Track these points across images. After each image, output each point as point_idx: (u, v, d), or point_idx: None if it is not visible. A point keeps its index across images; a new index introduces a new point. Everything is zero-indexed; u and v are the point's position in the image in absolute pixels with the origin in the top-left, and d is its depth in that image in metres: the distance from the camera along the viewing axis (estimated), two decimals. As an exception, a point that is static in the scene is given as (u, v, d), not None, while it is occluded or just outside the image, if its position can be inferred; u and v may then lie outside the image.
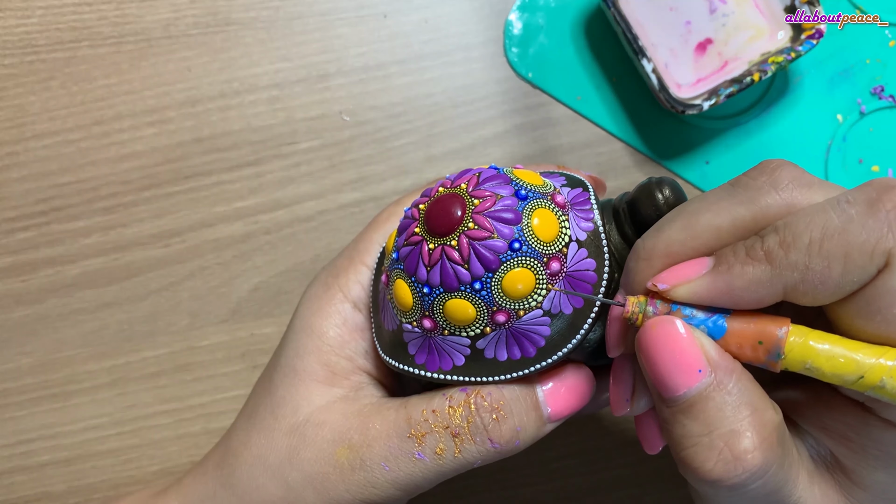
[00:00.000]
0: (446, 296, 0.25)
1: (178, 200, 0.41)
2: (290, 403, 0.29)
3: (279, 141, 0.41)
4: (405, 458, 0.26)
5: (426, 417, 0.26)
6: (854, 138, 0.40)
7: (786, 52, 0.38)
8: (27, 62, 0.41)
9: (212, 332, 0.41)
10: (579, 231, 0.26)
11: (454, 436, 0.26)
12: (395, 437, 0.26)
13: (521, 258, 0.24)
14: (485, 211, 0.25)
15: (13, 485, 0.40)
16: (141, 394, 0.40)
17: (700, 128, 0.41)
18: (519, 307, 0.25)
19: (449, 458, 0.26)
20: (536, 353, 0.26)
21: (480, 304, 0.25)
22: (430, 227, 0.25)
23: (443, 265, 0.24)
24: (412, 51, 0.41)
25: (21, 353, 0.40)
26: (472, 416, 0.26)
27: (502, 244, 0.24)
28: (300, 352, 0.29)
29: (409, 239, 0.25)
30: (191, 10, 0.41)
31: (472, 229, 0.24)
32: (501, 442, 0.26)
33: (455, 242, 0.24)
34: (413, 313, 0.26)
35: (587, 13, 0.41)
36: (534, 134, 0.41)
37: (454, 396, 0.26)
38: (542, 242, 0.25)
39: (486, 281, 0.24)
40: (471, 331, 0.25)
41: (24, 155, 0.40)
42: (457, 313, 0.25)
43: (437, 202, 0.25)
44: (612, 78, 0.41)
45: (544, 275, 0.25)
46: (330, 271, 0.31)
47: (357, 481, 0.27)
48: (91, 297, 0.40)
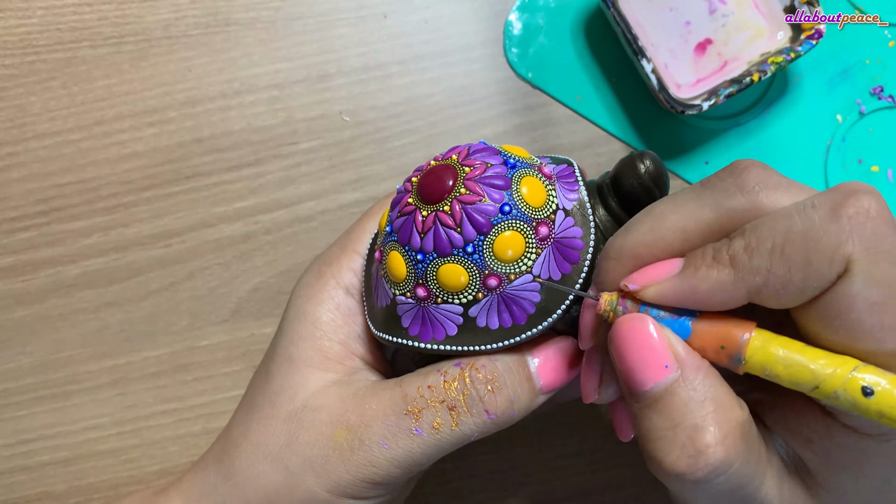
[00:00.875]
0: (439, 261, 0.26)
1: (179, 201, 0.41)
2: (287, 391, 0.29)
3: (279, 141, 0.41)
4: (403, 435, 0.26)
5: (422, 393, 0.27)
6: (853, 138, 0.40)
7: (785, 53, 0.38)
8: (28, 62, 0.41)
9: (212, 332, 0.41)
10: (566, 201, 0.27)
11: (450, 409, 0.26)
12: (391, 415, 0.27)
13: (512, 221, 0.25)
14: (475, 177, 0.26)
15: (14, 484, 0.40)
16: (141, 394, 0.41)
17: (700, 128, 0.41)
18: (510, 271, 0.26)
19: (446, 431, 0.26)
20: (527, 319, 0.26)
21: (472, 269, 0.25)
22: (422, 196, 0.26)
23: (436, 231, 0.25)
24: (412, 51, 0.41)
25: (22, 353, 0.41)
26: (467, 388, 0.26)
27: (493, 207, 0.25)
28: (295, 339, 0.29)
29: (402, 210, 0.26)
30: (191, 11, 0.41)
31: (463, 194, 0.25)
32: (497, 412, 0.27)
33: (448, 208, 0.25)
34: (407, 283, 0.27)
35: (587, 13, 0.41)
36: (534, 134, 0.41)
37: (449, 371, 0.27)
38: (531, 207, 0.26)
39: (477, 244, 0.25)
40: (463, 297, 0.26)
41: (24, 155, 0.41)
42: (450, 279, 0.26)
43: (430, 172, 0.26)
44: (612, 78, 0.41)
45: (534, 238, 0.26)
46: (323, 260, 0.31)
47: (356, 461, 0.27)
48: (91, 297, 0.41)
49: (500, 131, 0.41)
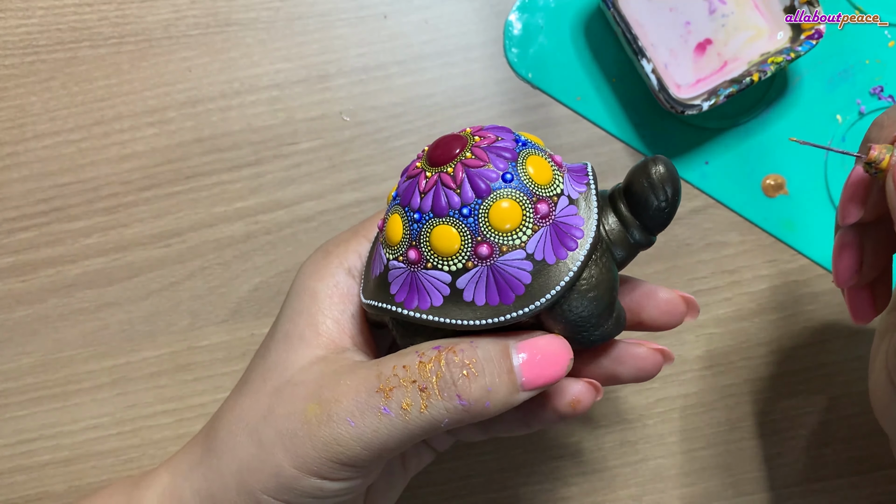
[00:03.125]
0: (434, 221, 0.26)
1: (179, 201, 0.41)
2: (279, 366, 0.28)
3: (279, 141, 0.41)
4: (371, 413, 0.26)
5: (396, 372, 0.26)
6: (853, 139, 0.40)
7: (785, 53, 0.38)
8: (28, 62, 0.41)
9: (212, 332, 0.41)
10: (572, 190, 0.27)
11: (421, 390, 0.25)
12: (363, 392, 0.26)
13: (512, 191, 0.25)
14: (484, 146, 0.26)
15: (14, 484, 0.40)
16: (141, 394, 0.41)
17: (700, 128, 0.41)
18: (503, 242, 0.25)
19: (415, 413, 0.26)
20: (514, 300, 0.26)
21: (466, 233, 0.25)
22: (430, 160, 0.26)
23: (436, 191, 0.26)
24: (412, 51, 0.41)
25: (22, 353, 0.41)
26: (441, 371, 0.26)
27: (495, 174, 0.25)
28: (294, 313, 0.29)
29: (409, 173, 0.27)
30: (191, 11, 0.41)
31: (468, 158, 0.26)
32: (470, 400, 0.26)
33: (451, 170, 0.26)
34: (401, 245, 0.27)
35: (587, 13, 0.41)
36: (534, 134, 0.41)
37: (426, 353, 0.26)
38: (534, 182, 0.26)
39: (474, 207, 0.25)
40: (453, 263, 0.26)
41: (24, 155, 0.41)
42: (442, 241, 0.26)
43: (441, 140, 0.27)
44: (612, 78, 0.41)
45: (532, 214, 0.25)
46: (332, 241, 0.31)
47: (322, 437, 0.26)
48: (92, 297, 0.41)
49: (500, 131, 0.41)
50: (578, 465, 0.41)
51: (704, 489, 0.41)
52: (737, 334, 0.41)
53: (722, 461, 0.41)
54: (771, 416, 0.41)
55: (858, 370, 0.40)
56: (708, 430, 0.41)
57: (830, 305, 0.41)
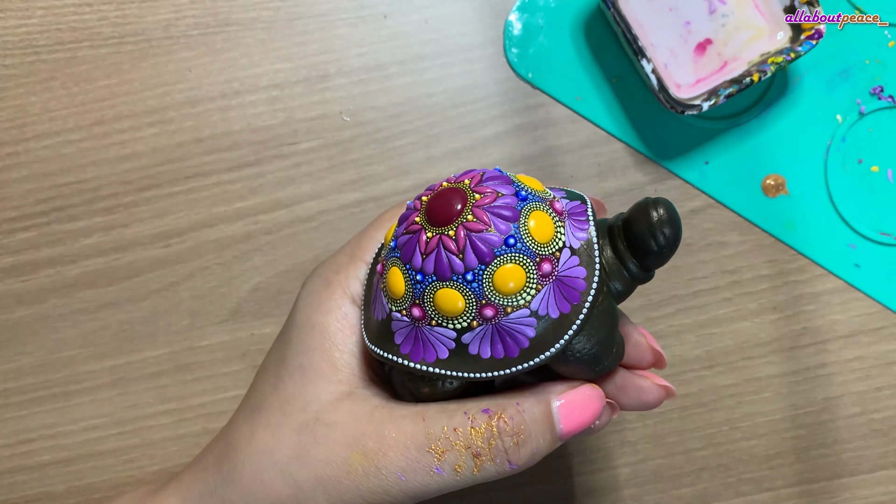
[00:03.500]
0: (438, 284, 0.25)
1: (179, 201, 0.41)
2: (298, 400, 0.29)
3: (279, 141, 0.41)
4: (423, 472, 0.27)
5: (447, 435, 0.27)
6: (853, 139, 0.40)
7: (785, 53, 0.38)
8: (28, 62, 0.41)
9: (212, 332, 0.41)
10: (574, 239, 0.26)
11: (475, 456, 0.27)
12: (412, 450, 0.27)
13: (515, 255, 0.25)
14: (484, 205, 0.25)
15: (14, 484, 0.40)
16: (141, 394, 0.41)
17: (700, 128, 0.41)
18: (507, 303, 0.25)
19: (466, 475, 0.27)
20: (519, 353, 0.26)
21: (470, 296, 0.25)
22: (430, 218, 0.26)
23: (438, 254, 0.25)
24: (412, 51, 0.41)
25: (22, 353, 0.41)
26: (493, 438, 0.27)
27: (498, 238, 0.25)
28: (305, 349, 0.29)
29: (408, 228, 0.26)
30: (191, 11, 0.41)
31: (470, 221, 0.25)
32: (520, 464, 0.27)
33: (452, 233, 0.25)
34: (404, 301, 0.26)
35: (587, 13, 0.41)
36: (534, 134, 0.41)
37: (476, 417, 0.27)
38: (536, 242, 0.25)
39: (478, 273, 0.25)
40: (458, 323, 0.26)
41: (24, 155, 0.41)
42: (446, 303, 0.26)
43: (440, 195, 0.26)
44: (612, 78, 0.41)
45: (535, 274, 0.25)
46: (330, 267, 0.31)
47: (370, 488, 0.27)
48: (91, 297, 0.41)
49: (500, 131, 0.41)
50: (578, 464, 0.41)
51: (704, 489, 0.41)
52: (737, 334, 0.41)
53: (722, 461, 0.41)
54: (770, 416, 0.41)
55: (858, 370, 0.40)
56: (708, 430, 0.41)
57: (830, 305, 0.41)
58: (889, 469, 0.40)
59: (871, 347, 0.40)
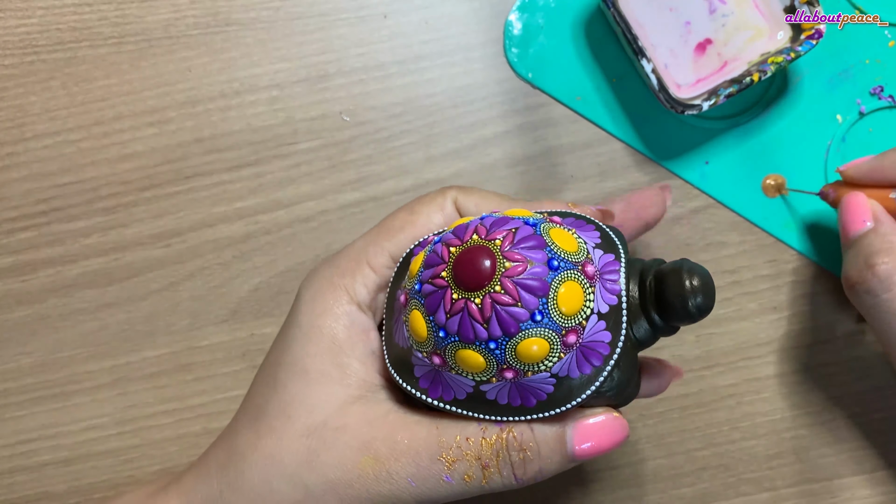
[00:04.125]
0: (460, 344, 0.25)
1: (179, 201, 0.41)
2: (303, 404, 0.28)
3: (279, 141, 0.41)
4: (433, 479, 0.27)
5: (459, 444, 0.27)
6: (853, 139, 0.40)
7: (785, 53, 0.38)
8: (27, 62, 0.41)
9: (212, 332, 0.41)
10: (602, 304, 0.26)
11: (484, 467, 0.27)
12: (424, 457, 0.27)
13: (540, 329, 0.25)
14: (514, 276, 0.25)
15: (13, 485, 0.40)
16: (141, 394, 0.41)
17: (700, 128, 0.41)
18: (528, 369, 0.26)
19: (475, 485, 0.27)
20: (536, 405, 0.27)
21: (492, 360, 0.25)
22: (457, 278, 0.25)
23: (462, 318, 0.25)
24: (412, 51, 0.41)
25: (21, 353, 0.41)
26: (503, 451, 0.27)
27: (525, 313, 0.25)
28: (310, 352, 0.29)
29: (434, 280, 0.26)
30: (191, 11, 0.41)
31: (498, 293, 0.25)
32: (525, 479, 0.28)
33: (479, 301, 0.25)
34: (425, 346, 0.26)
35: (587, 13, 0.41)
36: (534, 134, 0.41)
37: (489, 429, 0.27)
38: (563, 316, 0.25)
39: (501, 342, 0.25)
40: (478, 377, 0.26)
41: (24, 155, 0.41)
42: (468, 362, 0.26)
43: (469, 253, 0.25)
44: (612, 78, 0.41)
45: (559, 345, 0.25)
46: (334, 271, 0.30)
47: (381, 492, 0.27)
48: (91, 297, 0.41)
49: (500, 131, 0.41)
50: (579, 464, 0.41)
51: (704, 489, 0.41)
52: (737, 334, 0.41)
53: (722, 461, 0.41)
54: (771, 416, 0.41)
55: (858, 370, 0.40)
56: (708, 430, 0.41)
57: (830, 305, 0.41)
58: (889, 469, 0.40)
59: (870, 347, 0.40)
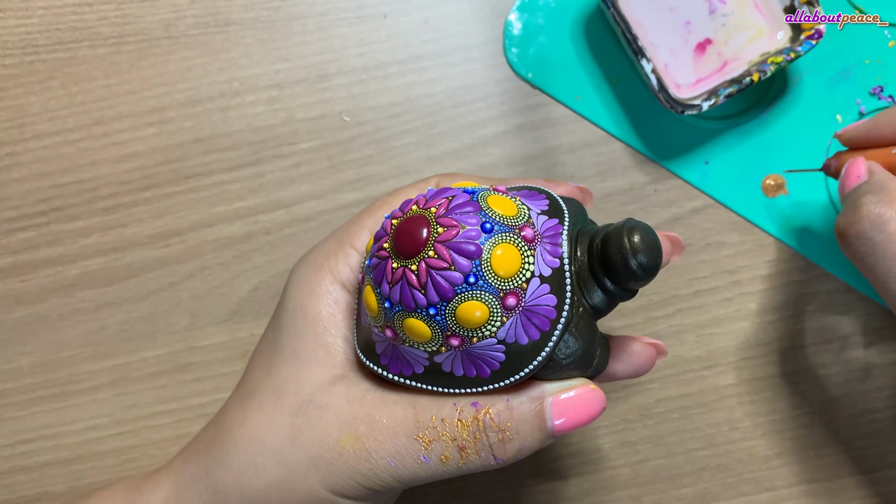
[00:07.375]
0: (404, 313, 0.26)
1: (178, 200, 0.41)
2: (292, 384, 0.29)
3: (279, 141, 0.41)
4: (411, 459, 0.27)
5: (434, 424, 0.27)
6: (854, 138, 0.40)
7: (785, 53, 0.38)
8: (27, 62, 0.41)
9: (212, 332, 0.41)
10: (544, 266, 0.26)
11: (461, 448, 0.27)
12: (402, 436, 0.27)
13: (476, 291, 0.25)
14: (447, 241, 0.25)
15: (13, 485, 0.40)
16: (141, 394, 0.41)
17: (699, 128, 0.41)
18: (472, 335, 0.26)
19: (453, 466, 0.27)
20: (491, 374, 0.27)
21: (435, 327, 0.26)
22: (395, 247, 0.26)
23: (402, 286, 0.25)
24: (412, 51, 0.41)
25: (21, 353, 0.41)
26: (479, 433, 0.27)
27: (458, 276, 0.25)
28: (298, 334, 0.29)
29: (378, 253, 0.26)
30: (191, 11, 0.41)
31: (431, 257, 0.25)
32: (505, 459, 0.27)
33: (415, 267, 0.25)
34: (378, 320, 0.27)
35: (587, 13, 0.41)
36: (534, 134, 0.41)
37: (464, 410, 0.27)
38: (499, 278, 0.25)
39: (440, 308, 0.25)
40: (428, 347, 0.26)
41: (24, 155, 0.41)
42: (414, 331, 0.26)
43: (405, 224, 0.26)
44: (612, 78, 0.41)
45: (499, 308, 0.25)
46: (319, 252, 0.31)
47: (361, 470, 0.27)
48: (91, 297, 0.41)
49: (500, 131, 0.41)
50: (578, 465, 0.41)
51: (704, 489, 0.41)
52: (737, 334, 0.41)
53: (722, 461, 0.41)
54: (771, 416, 0.41)
55: (858, 370, 0.40)
56: (708, 430, 0.41)
57: (830, 305, 0.41)
58: (889, 469, 0.40)
59: (870, 347, 0.40)
